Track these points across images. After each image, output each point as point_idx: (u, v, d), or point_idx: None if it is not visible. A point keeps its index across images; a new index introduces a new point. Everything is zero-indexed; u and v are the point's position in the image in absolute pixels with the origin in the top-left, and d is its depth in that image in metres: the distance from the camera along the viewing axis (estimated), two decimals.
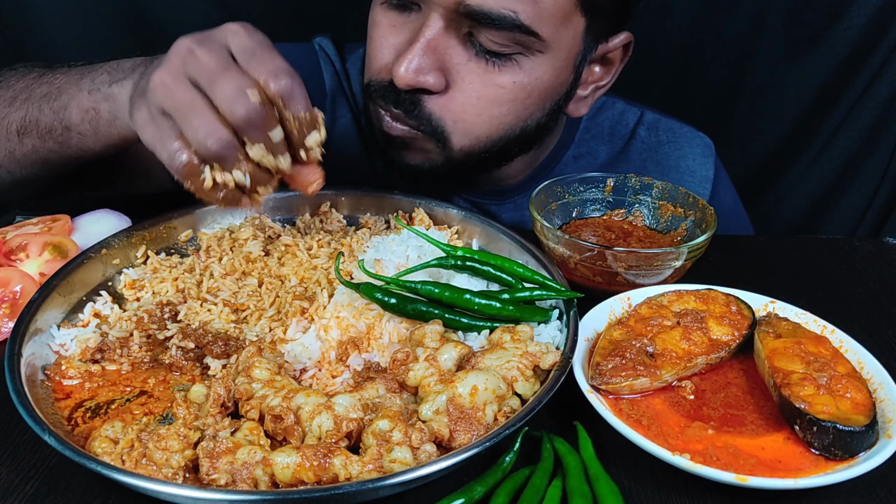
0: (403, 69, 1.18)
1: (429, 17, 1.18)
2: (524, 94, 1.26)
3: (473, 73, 1.23)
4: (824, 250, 1.43)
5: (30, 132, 1.21)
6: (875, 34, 2.00)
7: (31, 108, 1.21)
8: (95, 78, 1.15)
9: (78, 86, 1.17)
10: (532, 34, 1.18)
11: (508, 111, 1.28)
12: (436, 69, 1.21)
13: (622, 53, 1.38)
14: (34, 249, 1.21)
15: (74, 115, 1.16)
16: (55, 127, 1.19)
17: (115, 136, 1.15)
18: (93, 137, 1.17)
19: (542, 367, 0.96)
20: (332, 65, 1.56)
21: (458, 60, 1.22)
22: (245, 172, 0.94)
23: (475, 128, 1.28)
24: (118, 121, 1.12)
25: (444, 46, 1.20)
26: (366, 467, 0.81)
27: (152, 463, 0.81)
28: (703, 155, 1.61)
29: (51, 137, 1.20)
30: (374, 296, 1.04)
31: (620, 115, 1.62)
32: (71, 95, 1.17)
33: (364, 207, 1.36)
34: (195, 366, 1.04)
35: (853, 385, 0.92)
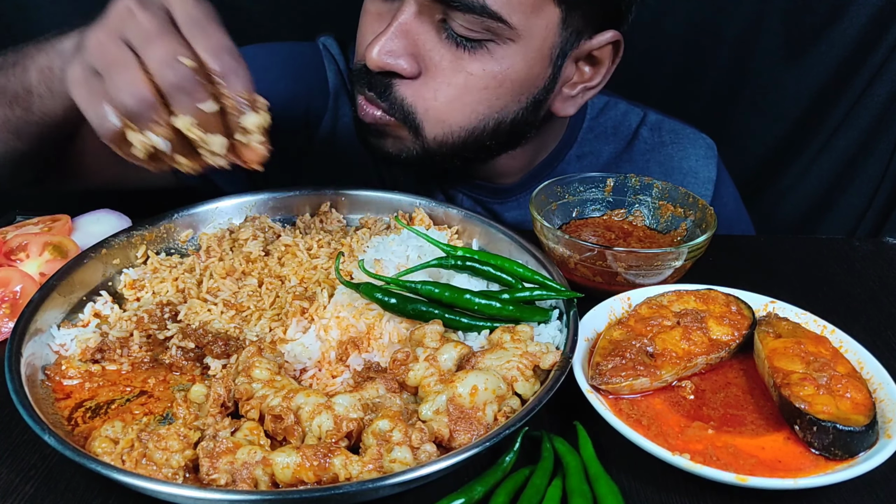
0: (375, 52, 1.21)
1: (404, 2, 1.20)
2: (495, 83, 1.26)
3: (445, 60, 1.24)
4: (824, 250, 1.43)
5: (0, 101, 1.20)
6: (875, 34, 2.00)
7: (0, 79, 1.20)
8: (52, 39, 1.14)
9: (39, 48, 1.16)
10: (501, 21, 1.18)
11: (480, 100, 1.28)
12: (408, 54, 1.22)
13: (612, 53, 1.35)
14: (34, 249, 1.21)
15: (33, 76, 1.15)
16: (19, 91, 1.17)
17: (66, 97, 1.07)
18: (50, 98, 1.15)
19: (542, 367, 0.96)
20: (336, 64, 1.57)
21: (430, 46, 1.23)
22: (164, 138, 0.91)
23: (446, 115, 1.28)
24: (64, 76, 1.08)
25: (416, 31, 1.22)
26: (366, 467, 0.81)
27: (152, 463, 0.81)
28: (706, 156, 1.61)
29: (17, 103, 1.18)
30: (374, 296, 1.04)
31: (623, 115, 1.62)
32: (31, 58, 1.16)
33: (364, 207, 1.36)
34: (195, 366, 1.04)
35: (853, 385, 0.92)
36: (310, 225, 1.32)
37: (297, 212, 1.35)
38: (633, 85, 1.72)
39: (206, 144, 0.94)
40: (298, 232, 1.29)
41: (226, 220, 1.31)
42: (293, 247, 1.22)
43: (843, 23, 2.01)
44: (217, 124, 0.93)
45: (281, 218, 1.34)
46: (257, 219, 1.30)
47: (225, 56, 0.91)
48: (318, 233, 1.28)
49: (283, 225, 1.31)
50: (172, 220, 1.26)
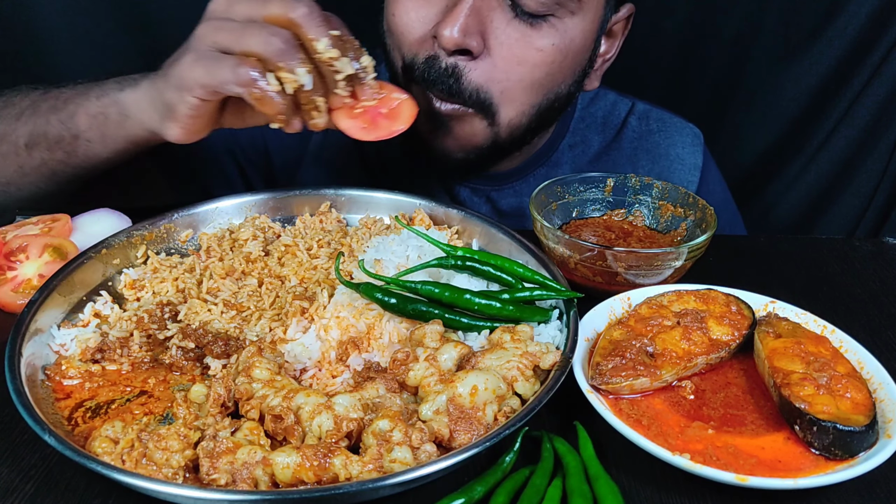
0: (449, 31, 1.20)
1: None
2: (560, 57, 1.29)
3: (512, 38, 1.25)
4: (824, 250, 1.43)
5: (38, 144, 1.25)
6: (874, 33, 2.00)
7: (38, 120, 1.25)
8: (104, 86, 1.20)
9: (86, 95, 1.21)
10: None
11: (547, 74, 1.30)
12: (478, 32, 1.23)
13: (623, 26, 1.43)
14: (34, 251, 1.21)
15: (82, 122, 1.20)
16: (63, 136, 1.22)
17: (122, 138, 1.19)
18: (100, 143, 1.21)
19: (542, 367, 0.96)
20: None
21: (497, 24, 1.24)
22: (308, 72, 1.03)
23: (519, 94, 1.30)
24: (129, 120, 1.16)
25: (486, 8, 1.22)
26: (366, 467, 0.81)
27: (152, 463, 0.81)
28: (693, 144, 1.64)
29: (59, 147, 1.23)
30: (374, 296, 1.04)
31: (613, 105, 1.65)
32: (78, 104, 1.21)
33: (364, 207, 1.36)
34: (195, 366, 1.04)
35: (853, 385, 0.92)
36: (310, 225, 1.32)
37: (297, 212, 1.35)
38: (632, 84, 1.73)
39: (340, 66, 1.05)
40: (298, 232, 1.29)
41: (226, 220, 1.31)
42: (293, 247, 1.22)
43: (841, 22, 2.01)
44: (347, 44, 1.06)
45: (281, 218, 1.34)
46: (257, 219, 1.30)
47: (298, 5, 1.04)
48: (318, 233, 1.28)
49: (283, 225, 1.31)
50: (172, 220, 1.26)
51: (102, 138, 1.21)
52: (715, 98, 2.20)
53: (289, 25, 1.03)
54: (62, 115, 1.22)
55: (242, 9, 1.04)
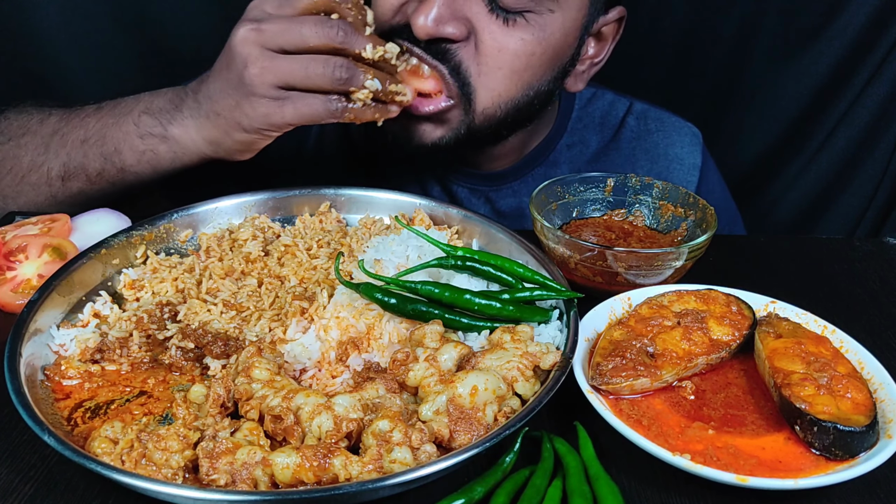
0: (423, 19, 1.20)
1: None
2: (540, 50, 1.29)
3: (495, 25, 1.25)
4: (824, 250, 1.43)
5: (76, 177, 1.28)
6: (874, 33, 2.00)
7: (72, 153, 1.28)
8: (139, 122, 1.25)
9: (122, 129, 1.25)
10: None
11: (526, 67, 1.30)
12: (455, 18, 1.23)
13: (615, 30, 1.43)
14: (33, 251, 1.21)
15: (129, 158, 1.25)
16: (107, 170, 1.27)
17: (178, 167, 1.27)
18: (152, 173, 1.28)
19: (542, 368, 0.96)
20: None
21: (478, 10, 1.24)
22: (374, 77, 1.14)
23: (497, 83, 1.30)
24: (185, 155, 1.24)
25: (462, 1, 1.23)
26: (366, 467, 0.81)
27: (152, 463, 0.81)
28: (691, 144, 1.64)
29: (102, 179, 1.28)
30: (374, 296, 1.04)
31: (610, 105, 1.65)
32: (118, 140, 1.25)
33: (364, 207, 1.35)
34: (195, 366, 1.04)
35: (853, 385, 0.92)
36: (309, 225, 1.31)
37: (297, 212, 1.34)
38: (631, 84, 1.73)
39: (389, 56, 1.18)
40: (298, 232, 1.29)
41: (225, 220, 1.30)
42: (293, 247, 1.22)
43: (841, 22, 2.01)
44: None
45: (281, 218, 1.34)
46: (257, 219, 1.30)
47: None
48: (318, 233, 1.28)
49: (283, 225, 1.31)
50: (172, 220, 1.26)
51: (154, 170, 1.27)
52: (715, 98, 2.20)
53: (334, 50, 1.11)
54: (103, 150, 1.26)
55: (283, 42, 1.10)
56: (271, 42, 1.10)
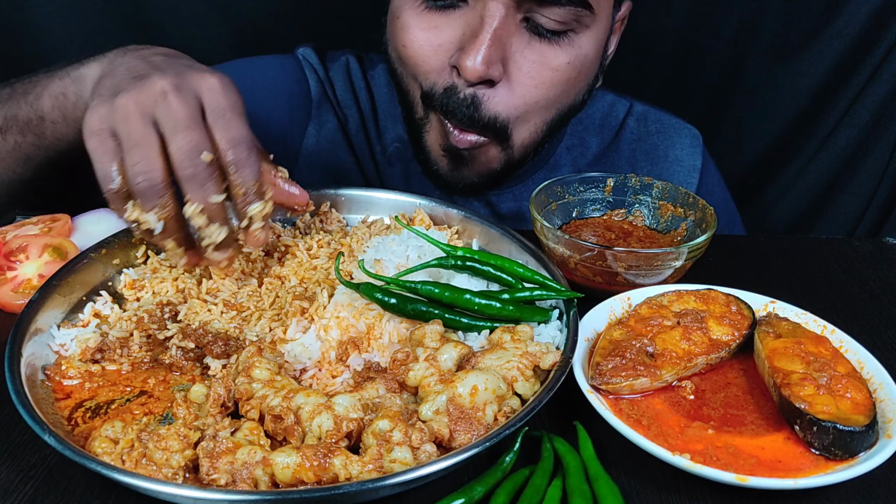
0: (472, 62, 1.19)
1: (487, 6, 1.19)
2: (575, 72, 1.29)
3: (530, 60, 1.25)
4: (824, 250, 1.43)
5: (11, 128, 1.22)
6: (873, 33, 2.00)
7: (11, 105, 1.22)
8: (67, 68, 1.16)
9: (53, 75, 1.18)
10: (588, 7, 1.22)
11: (562, 92, 1.31)
12: (499, 59, 1.23)
13: (621, 23, 1.44)
14: (34, 251, 1.21)
15: (46, 103, 1.17)
16: (31, 118, 1.19)
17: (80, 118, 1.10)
18: (63, 124, 1.17)
19: (542, 367, 0.96)
20: (317, 73, 1.59)
21: (516, 48, 1.24)
22: (160, 219, 0.97)
23: (534, 115, 1.31)
24: (80, 101, 1.13)
25: (507, 34, 1.22)
26: (366, 467, 0.81)
27: (152, 463, 0.81)
28: (692, 145, 1.64)
29: (29, 130, 1.20)
30: (374, 296, 1.04)
31: (610, 106, 1.65)
32: (45, 86, 1.18)
33: (364, 207, 1.35)
34: (195, 366, 1.04)
35: (853, 385, 0.92)
36: (310, 225, 1.31)
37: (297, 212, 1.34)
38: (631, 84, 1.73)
39: (208, 233, 1.00)
40: (298, 232, 1.29)
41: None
42: (293, 247, 1.22)
43: (841, 22, 2.01)
44: (222, 212, 0.99)
45: (281, 218, 1.34)
46: None
47: (241, 147, 0.97)
48: (318, 233, 1.28)
49: (284, 225, 1.31)
50: None
51: (65, 119, 1.17)
52: (715, 98, 2.19)
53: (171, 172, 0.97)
54: (30, 98, 1.20)
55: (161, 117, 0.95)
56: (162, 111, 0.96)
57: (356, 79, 1.59)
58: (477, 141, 1.31)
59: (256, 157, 1.00)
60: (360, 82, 1.59)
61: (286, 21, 1.99)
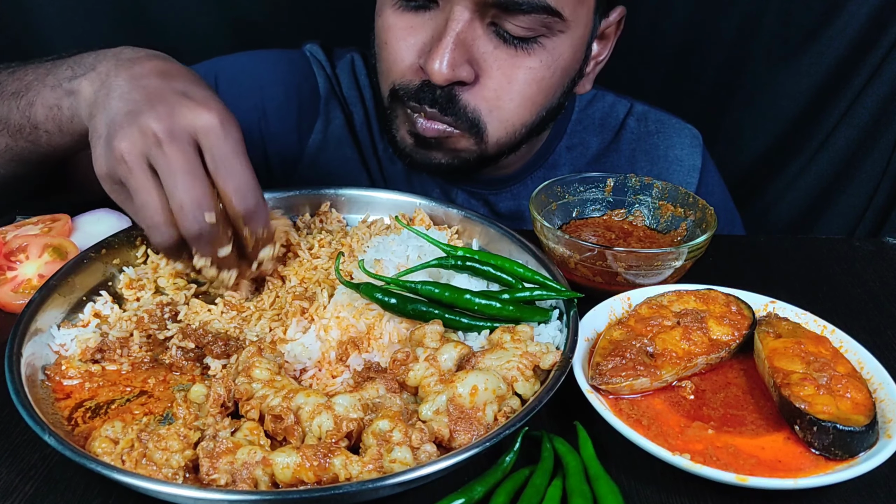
0: (437, 65, 1.21)
1: (453, 10, 1.20)
2: (549, 73, 1.30)
3: (501, 60, 1.26)
4: (824, 250, 1.43)
5: (1, 131, 1.19)
6: (874, 33, 2.00)
7: (2, 106, 1.19)
8: (58, 73, 1.12)
9: (43, 82, 1.14)
10: (557, 15, 1.21)
11: (537, 92, 1.31)
12: (466, 61, 1.24)
13: (615, 28, 1.44)
14: (34, 251, 1.21)
15: (39, 113, 1.14)
16: (24, 125, 1.16)
17: (76, 132, 1.12)
18: (58, 134, 1.15)
19: (542, 367, 0.96)
20: (324, 69, 1.59)
21: (484, 49, 1.25)
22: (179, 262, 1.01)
23: (510, 114, 1.32)
24: (76, 118, 1.09)
25: (471, 38, 1.23)
26: (366, 467, 0.81)
27: (152, 463, 0.81)
28: (692, 145, 1.64)
29: (21, 136, 1.18)
30: (374, 296, 1.04)
31: (611, 106, 1.65)
32: (36, 91, 1.14)
33: (364, 207, 1.35)
34: (195, 366, 1.04)
35: (853, 385, 0.92)
36: (310, 225, 1.31)
37: (297, 212, 1.34)
38: (631, 84, 1.73)
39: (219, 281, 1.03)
40: (298, 232, 1.29)
41: None
42: (293, 247, 1.22)
43: (841, 22, 2.01)
44: (232, 261, 1.00)
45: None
46: None
47: (249, 197, 0.95)
48: (319, 233, 1.28)
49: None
50: None
51: (60, 131, 1.14)
52: (715, 98, 2.19)
53: None
54: (22, 103, 1.16)
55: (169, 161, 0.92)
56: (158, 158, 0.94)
57: (361, 76, 1.60)
58: (445, 130, 1.31)
59: (265, 205, 0.98)
60: (365, 80, 1.60)
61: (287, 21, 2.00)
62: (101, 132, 0.97)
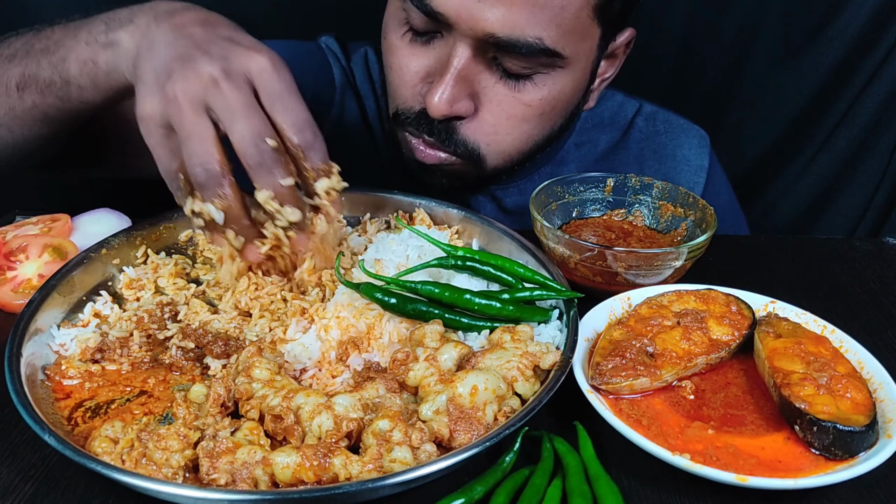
0: (437, 99, 1.21)
1: (455, 46, 1.20)
2: (549, 107, 1.30)
3: (500, 95, 1.26)
4: (824, 250, 1.43)
5: (30, 87, 1.19)
6: (873, 34, 2.00)
7: (29, 63, 1.19)
8: (92, 29, 1.13)
9: (75, 38, 1.14)
10: (556, 55, 1.21)
11: (535, 125, 1.32)
12: (465, 96, 1.24)
13: (624, 49, 1.43)
14: (34, 251, 1.21)
15: (73, 68, 1.14)
16: (54, 81, 1.17)
17: (113, 87, 1.13)
18: (92, 89, 1.15)
19: (542, 367, 0.96)
20: (340, 61, 1.61)
21: (485, 84, 1.25)
22: (220, 209, 0.97)
23: (506, 146, 1.33)
24: (115, 72, 1.10)
25: (472, 73, 1.23)
26: (366, 467, 0.81)
27: (152, 462, 0.81)
28: (699, 146, 1.65)
29: (51, 92, 1.18)
30: (374, 296, 1.04)
31: (620, 106, 1.66)
32: (69, 48, 1.15)
33: (364, 207, 1.35)
34: (195, 366, 1.04)
35: (853, 385, 0.92)
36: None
37: None
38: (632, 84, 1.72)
39: (283, 215, 0.99)
40: None
41: None
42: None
43: (841, 22, 2.01)
44: (293, 195, 0.99)
45: None
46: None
47: (306, 131, 0.97)
48: None
49: None
50: (172, 220, 1.26)
51: (94, 86, 1.14)
52: (715, 98, 2.20)
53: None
54: (53, 59, 1.16)
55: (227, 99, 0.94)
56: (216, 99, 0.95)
57: (374, 70, 1.61)
58: (445, 158, 1.33)
59: (321, 138, 0.99)
60: (378, 74, 1.61)
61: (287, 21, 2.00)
62: (148, 79, 0.98)
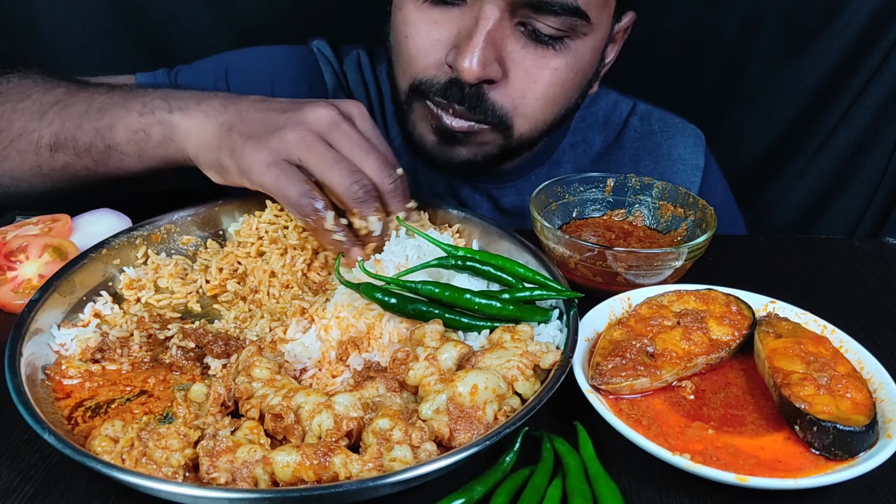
0: (468, 63, 1.21)
1: (483, 8, 1.20)
2: (573, 75, 1.32)
3: (528, 59, 1.27)
4: (824, 250, 1.43)
5: (64, 148, 1.23)
6: (873, 33, 2.00)
7: (67, 124, 1.23)
8: (147, 102, 1.19)
9: (125, 107, 1.20)
10: (584, 17, 1.23)
11: (561, 92, 1.33)
12: (495, 59, 1.24)
13: (623, 33, 1.45)
14: (34, 251, 1.21)
15: (120, 135, 1.20)
16: (95, 145, 1.21)
17: (160, 158, 1.20)
18: (136, 158, 1.21)
19: (542, 367, 0.96)
20: (332, 65, 1.60)
21: (512, 48, 1.26)
22: (380, 219, 1.11)
23: (535, 112, 1.33)
24: (172, 144, 1.17)
25: (500, 36, 1.23)
26: (366, 466, 0.81)
27: (152, 462, 0.81)
28: (695, 145, 1.65)
29: (88, 155, 1.22)
30: (374, 296, 1.04)
31: (614, 105, 1.66)
32: (117, 116, 1.20)
33: None
34: (195, 365, 1.04)
35: (853, 385, 0.92)
36: None
37: None
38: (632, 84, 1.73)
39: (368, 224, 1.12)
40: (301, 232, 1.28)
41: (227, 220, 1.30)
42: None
43: (841, 22, 2.01)
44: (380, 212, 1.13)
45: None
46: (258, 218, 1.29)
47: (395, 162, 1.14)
48: None
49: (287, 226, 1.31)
50: (172, 221, 1.26)
51: (139, 154, 1.21)
52: (715, 98, 2.19)
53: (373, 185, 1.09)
54: (98, 125, 1.21)
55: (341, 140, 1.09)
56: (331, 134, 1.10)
57: (367, 73, 1.61)
58: (473, 126, 1.32)
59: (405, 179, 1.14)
60: (370, 76, 1.61)
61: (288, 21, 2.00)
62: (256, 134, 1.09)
